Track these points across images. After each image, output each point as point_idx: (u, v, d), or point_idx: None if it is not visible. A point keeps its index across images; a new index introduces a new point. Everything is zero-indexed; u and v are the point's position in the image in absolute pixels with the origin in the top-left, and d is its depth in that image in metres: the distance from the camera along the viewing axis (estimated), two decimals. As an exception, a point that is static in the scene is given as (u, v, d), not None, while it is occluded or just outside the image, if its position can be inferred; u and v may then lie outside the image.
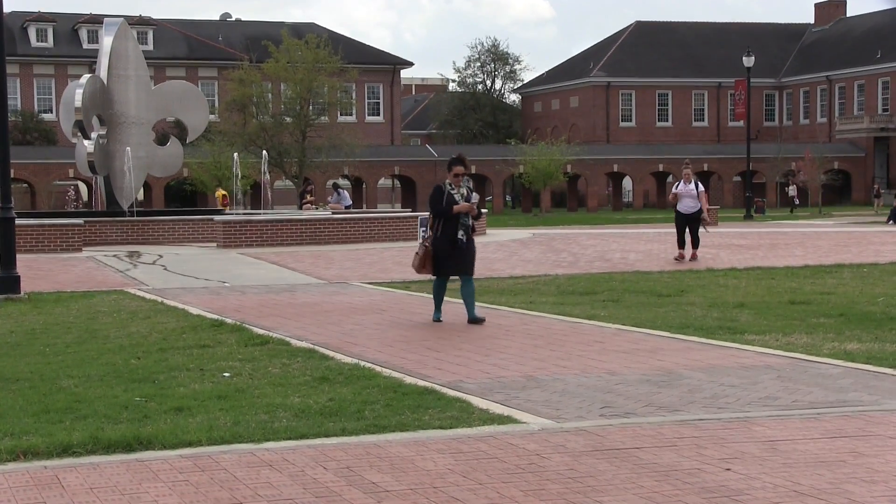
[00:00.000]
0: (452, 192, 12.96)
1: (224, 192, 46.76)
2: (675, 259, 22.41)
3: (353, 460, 6.51)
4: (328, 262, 23.30)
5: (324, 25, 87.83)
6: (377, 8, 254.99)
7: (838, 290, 16.42)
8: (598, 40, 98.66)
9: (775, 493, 5.80)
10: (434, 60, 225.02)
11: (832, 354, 10.29)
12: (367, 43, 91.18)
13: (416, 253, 13.25)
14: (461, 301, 13.15)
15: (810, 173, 65.96)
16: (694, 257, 22.45)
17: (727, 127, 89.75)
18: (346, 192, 37.63)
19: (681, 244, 22.68)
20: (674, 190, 22.98)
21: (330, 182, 57.48)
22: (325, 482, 6.06)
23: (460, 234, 12.88)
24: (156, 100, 34.34)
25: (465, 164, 13.14)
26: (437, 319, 13.07)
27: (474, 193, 13.18)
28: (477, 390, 8.65)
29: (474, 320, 12.81)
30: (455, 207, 12.85)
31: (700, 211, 22.46)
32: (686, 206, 22.45)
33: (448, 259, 12.92)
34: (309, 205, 40.24)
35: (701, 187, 22.66)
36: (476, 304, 13.17)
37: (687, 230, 22.73)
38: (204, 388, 8.78)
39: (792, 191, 68.86)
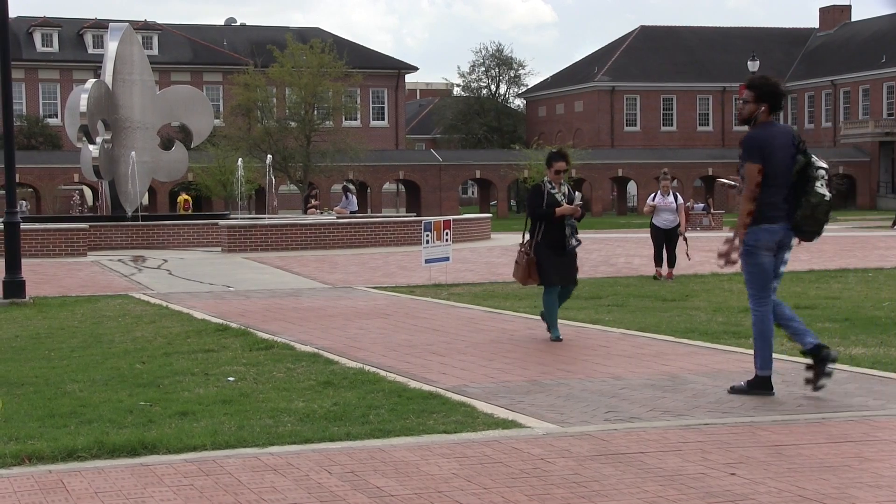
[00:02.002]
0: (553, 191, 11.67)
1: (186, 197, 46.78)
2: (654, 277, 19.80)
3: (358, 465, 6.50)
4: (333, 267, 23.31)
5: (328, 30, 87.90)
6: (378, 13, 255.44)
7: (843, 295, 16.39)
8: (601, 45, 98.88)
9: (780, 498, 5.79)
10: (436, 65, 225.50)
11: (837, 359, 10.26)
12: (371, 47, 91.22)
13: (517, 262, 11.87)
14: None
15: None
16: (670, 276, 19.84)
17: (731, 131, 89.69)
18: (352, 196, 37.63)
19: (658, 261, 20.15)
20: (650, 202, 20.54)
21: (337, 186, 57.49)
22: (330, 486, 6.06)
23: (568, 235, 11.70)
24: (161, 104, 34.41)
25: (567, 159, 11.85)
26: (556, 338, 11.68)
27: (577, 192, 12.01)
28: (481, 395, 8.65)
29: (557, 338, 11.72)
30: (558, 210, 11.60)
31: (678, 226, 20.33)
32: (664, 220, 20.28)
33: (554, 266, 11.71)
34: (314, 209, 40.24)
35: (681, 200, 20.67)
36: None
37: (664, 247, 20.26)
38: (208, 393, 8.78)
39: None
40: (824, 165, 8.55)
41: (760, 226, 8.50)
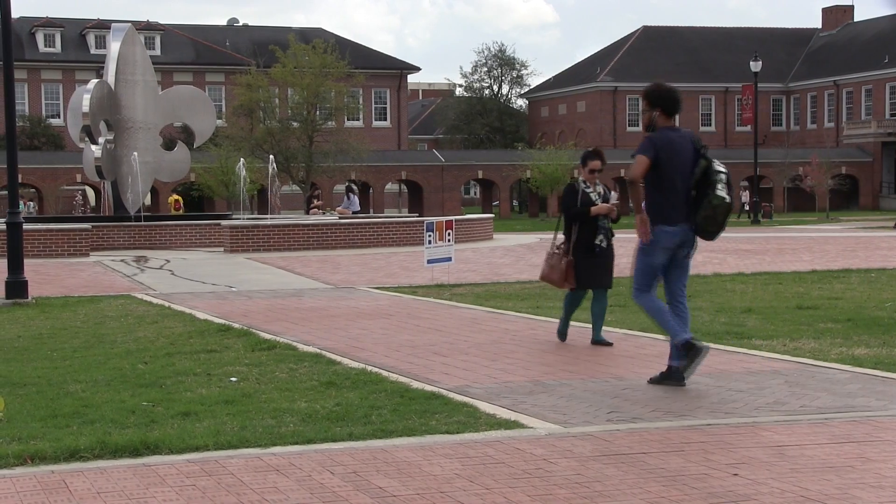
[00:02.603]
0: (588, 190, 11.31)
1: (177, 198, 46.78)
2: None
3: (360, 465, 6.50)
4: (335, 267, 23.32)
5: (330, 30, 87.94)
6: (379, 13, 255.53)
7: (846, 295, 16.39)
8: (603, 45, 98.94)
9: (783, 499, 5.78)
10: (437, 65, 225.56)
11: (840, 359, 10.27)
12: (373, 48, 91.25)
13: (551, 265, 11.42)
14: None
15: (818, 178, 65.84)
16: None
17: (734, 132, 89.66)
18: (355, 196, 37.65)
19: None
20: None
21: (340, 186, 57.50)
22: (332, 487, 6.06)
23: (599, 239, 11.33)
24: (163, 105, 34.42)
25: (602, 158, 11.44)
26: (560, 333, 11.69)
27: (612, 192, 11.60)
28: (484, 395, 8.65)
29: (600, 341, 11.41)
30: (593, 209, 11.22)
31: None
32: None
33: (587, 269, 11.33)
34: (316, 210, 40.26)
35: None
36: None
37: None
38: (211, 393, 8.78)
39: (744, 197, 68.41)
40: (723, 169, 9.02)
41: (659, 226, 8.96)
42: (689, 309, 9.60)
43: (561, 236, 11.60)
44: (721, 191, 8.86)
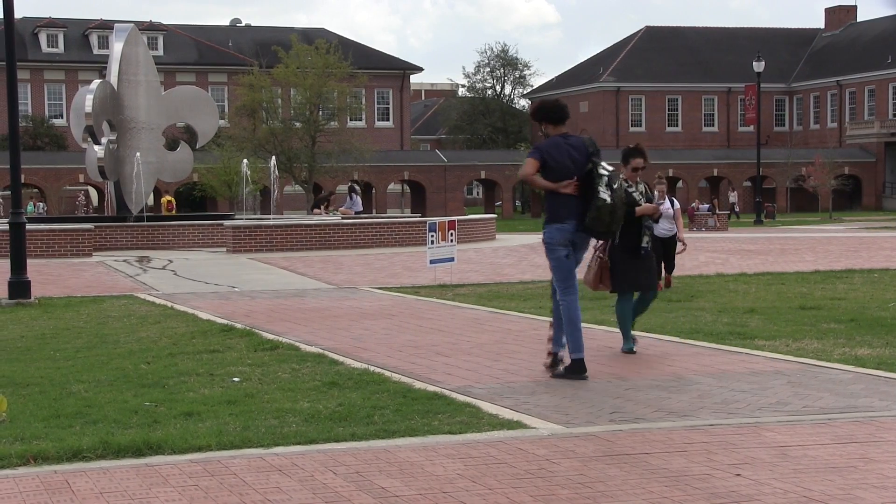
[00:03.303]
0: (630, 189, 10.77)
1: (170, 199, 46.80)
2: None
3: (363, 465, 6.51)
4: (338, 267, 23.32)
5: (333, 31, 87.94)
6: (381, 13, 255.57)
7: (849, 296, 16.38)
8: (605, 45, 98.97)
9: (785, 499, 5.78)
10: (439, 65, 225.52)
11: (843, 360, 10.26)
12: (376, 48, 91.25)
13: (589, 266, 10.90)
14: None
15: (820, 178, 65.84)
16: (668, 283, 17.89)
17: (737, 132, 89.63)
18: (357, 196, 37.64)
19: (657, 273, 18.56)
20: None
21: (342, 186, 57.51)
22: (335, 487, 6.06)
23: (644, 241, 10.80)
24: (166, 105, 34.43)
25: (645, 155, 10.98)
26: (628, 349, 10.92)
27: (655, 191, 11.05)
28: (486, 395, 8.65)
29: (629, 350, 10.98)
30: (638, 209, 10.69)
31: (675, 234, 17.78)
32: (661, 229, 17.37)
33: (629, 271, 10.79)
34: (319, 210, 40.19)
35: (677, 205, 18.16)
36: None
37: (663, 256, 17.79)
38: (213, 393, 8.79)
39: (733, 197, 68.34)
40: (607, 172, 9.48)
41: (553, 225, 9.54)
42: (690, 310, 9.63)
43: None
44: (603, 192, 9.35)
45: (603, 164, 9.50)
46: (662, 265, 17.68)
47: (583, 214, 9.42)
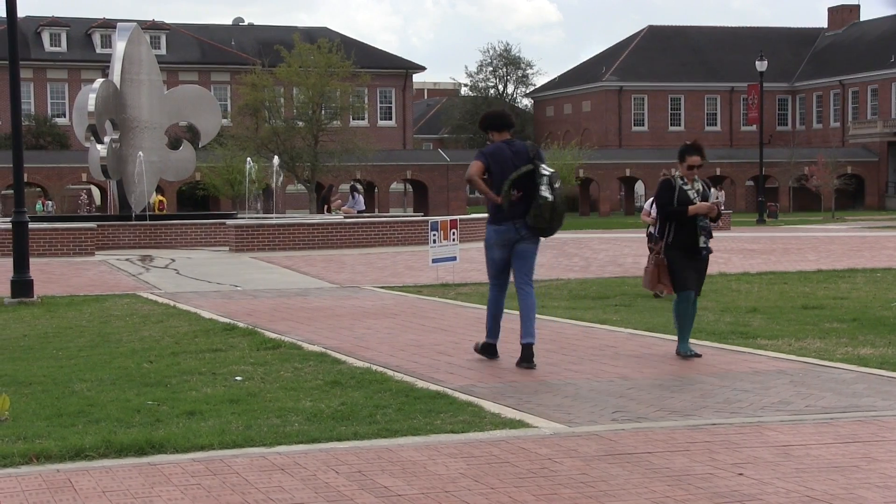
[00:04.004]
0: (685, 187, 10.50)
1: (161, 199, 46.82)
2: (654, 295, 16.04)
3: (365, 464, 6.51)
4: (340, 266, 23.32)
5: (335, 30, 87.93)
6: (382, 13, 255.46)
7: (852, 295, 16.37)
8: (607, 45, 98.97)
9: (788, 499, 5.78)
10: (441, 64, 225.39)
11: (845, 359, 10.26)
12: (379, 47, 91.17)
13: (646, 268, 10.87)
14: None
15: (823, 178, 65.80)
16: (671, 290, 17.50)
17: (740, 131, 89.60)
18: (360, 196, 37.64)
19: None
20: (648, 208, 17.16)
21: (344, 185, 57.54)
22: (337, 486, 6.06)
23: (702, 241, 10.46)
24: (168, 104, 34.44)
25: (702, 153, 10.63)
26: (686, 353, 10.48)
27: (712, 189, 10.73)
28: (489, 394, 8.65)
29: (686, 353, 10.52)
30: (692, 208, 10.36)
31: None
32: None
33: (686, 270, 10.47)
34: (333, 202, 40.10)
35: None
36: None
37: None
38: (216, 392, 8.79)
39: (720, 197, 68.26)
40: (547, 172, 10.03)
41: (491, 226, 10.30)
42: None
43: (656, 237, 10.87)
44: (544, 191, 9.93)
45: (544, 165, 10.07)
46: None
47: (525, 214, 10.02)
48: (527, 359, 10.02)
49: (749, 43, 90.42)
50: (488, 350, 10.48)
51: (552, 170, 10.12)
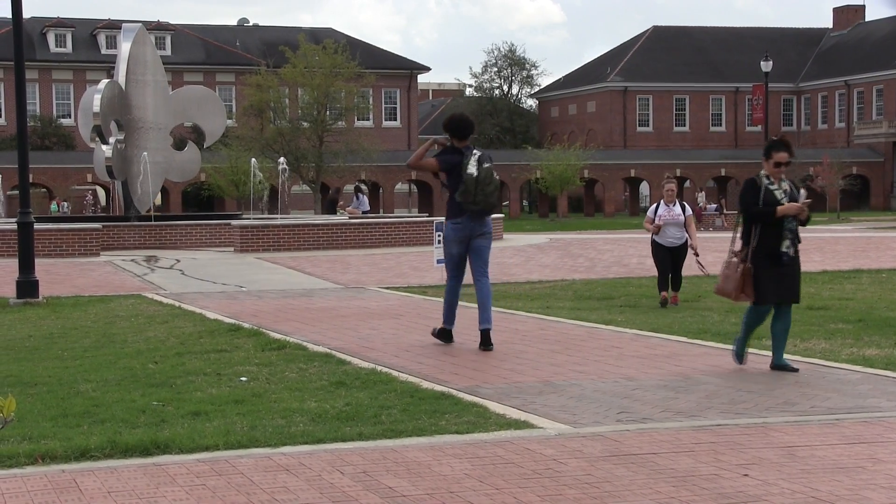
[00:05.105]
0: (772, 187, 9.77)
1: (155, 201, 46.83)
2: (660, 304, 15.61)
3: (370, 465, 6.51)
4: (345, 267, 23.33)
5: (340, 31, 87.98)
6: (385, 13, 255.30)
7: (857, 296, 16.35)
8: (610, 45, 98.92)
9: (793, 500, 5.77)
10: (444, 65, 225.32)
11: (850, 360, 10.25)
12: (383, 48, 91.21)
13: (726, 274, 9.89)
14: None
15: (828, 178, 65.71)
16: (675, 300, 15.81)
17: (745, 132, 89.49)
18: (364, 196, 37.65)
19: (663, 285, 15.86)
20: (651, 215, 16.18)
21: (349, 186, 57.55)
22: (342, 487, 6.06)
23: (785, 245, 9.75)
24: (174, 105, 34.48)
25: (790, 149, 9.90)
26: (739, 354, 10.00)
27: (801, 190, 10.02)
28: (494, 395, 8.65)
29: (781, 366, 9.79)
30: (780, 209, 9.61)
31: (686, 243, 16.04)
32: (670, 237, 15.94)
33: (770, 280, 9.71)
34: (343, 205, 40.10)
35: (689, 210, 16.28)
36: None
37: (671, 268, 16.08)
38: (221, 393, 8.80)
39: (701, 199, 67.98)
40: (479, 152, 11.09)
41: (448, 221, 11.17)
42: (698, 310, 9.65)
43: (739, 240, 9.97)
44: (470, 167, 10.90)
45: (482, 155, 11.09)
46: (670, 278, 16.06)
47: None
48: (485, 343, 11.01)
49: (754, 43, 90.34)
50: (444, 335, 11.52)
51: (485, 152, 11.33)
